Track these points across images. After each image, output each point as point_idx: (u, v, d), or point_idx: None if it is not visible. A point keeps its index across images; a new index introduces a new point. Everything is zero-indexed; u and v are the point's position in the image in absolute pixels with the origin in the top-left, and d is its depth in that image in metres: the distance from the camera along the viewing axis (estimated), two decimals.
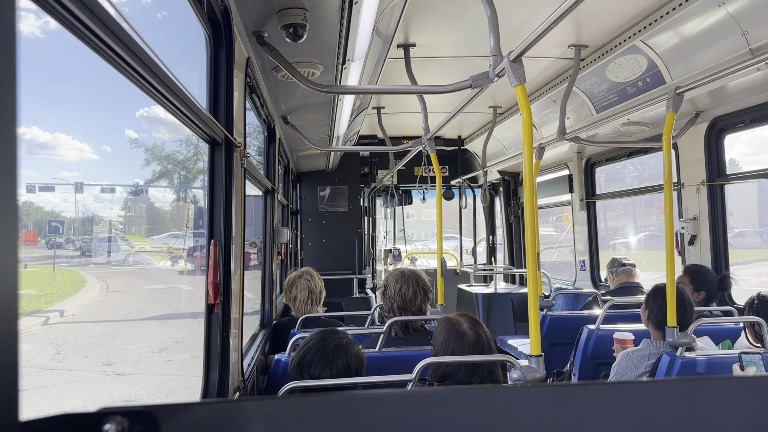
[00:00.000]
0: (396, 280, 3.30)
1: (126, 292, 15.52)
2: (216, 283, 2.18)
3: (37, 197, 18.33)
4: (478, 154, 7.34)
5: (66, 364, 8.47)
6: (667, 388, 0.57)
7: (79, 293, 13.81)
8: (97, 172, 27.57)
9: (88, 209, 21.17)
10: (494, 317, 6.71)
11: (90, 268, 17.91)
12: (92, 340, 10.28)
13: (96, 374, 8.07)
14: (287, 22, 2.33)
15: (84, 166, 26.98)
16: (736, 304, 4.06)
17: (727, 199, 4.31)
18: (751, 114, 3.88)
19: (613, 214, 21.47)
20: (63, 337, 10.33)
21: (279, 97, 3.76)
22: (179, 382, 7.92)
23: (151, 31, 2.37)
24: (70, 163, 29.00)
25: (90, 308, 12.60)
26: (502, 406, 0.60)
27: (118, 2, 1.13)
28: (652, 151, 5.21)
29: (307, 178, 7.62)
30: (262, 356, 3.48)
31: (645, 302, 3.23)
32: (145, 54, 1.29)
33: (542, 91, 5.01)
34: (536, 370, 1.99)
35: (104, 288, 14.95)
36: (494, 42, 2.41)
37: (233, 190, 2.34)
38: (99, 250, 20.12)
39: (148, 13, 23.77)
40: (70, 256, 18.19)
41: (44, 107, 24.14)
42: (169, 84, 1.51)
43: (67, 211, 20.43)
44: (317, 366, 2.27)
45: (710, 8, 2.94)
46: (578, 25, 3.57)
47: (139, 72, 1.30)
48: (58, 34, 28.84)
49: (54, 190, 19.54)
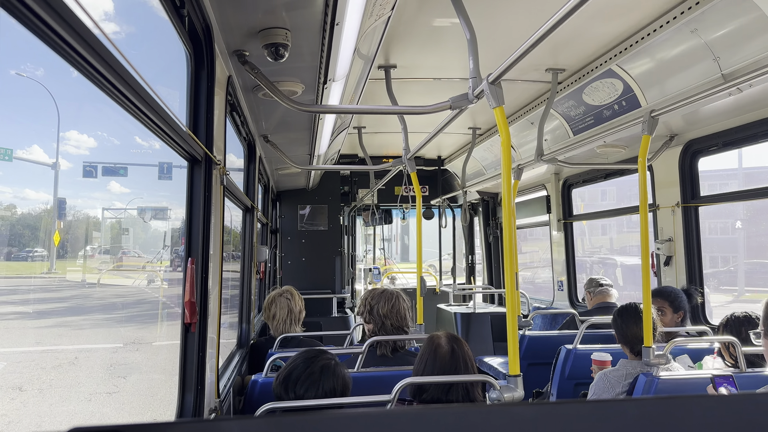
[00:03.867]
0: (386, 299, 3.29)
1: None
2: (193, 302, 2.15)
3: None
4: (458, 175, 7.40)
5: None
6: (642, 405, 0.58)
7: None
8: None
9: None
10: (473, 337, 6.71)
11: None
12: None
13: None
14: (269, 42, 2.34)
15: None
16: (711, 324, 4.11)
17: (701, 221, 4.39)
18: (724, 137, 3.98)
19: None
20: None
21: (260, 115, 3.77)
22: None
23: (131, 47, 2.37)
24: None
25: None
26: (479, 425, 0.60)
27: (97, 17, 1.13)
28: (628, 172, 5.30)
29: (287, 196, 7.61)
30: (239, 377, 3.43)
31: (612, 323, 3.27)
32: (123, 69, 1.29)
33: (520, 113, 5.08)
34: (515, 390, 1.99)
35: None
36: (473, 64, 2.45)
37: (212, 208, 2.32)
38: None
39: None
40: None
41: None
42: (149, 100, 1.50)
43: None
44: (303, 385, 2.22)
45: (684, 35, 3.02)
46: (556, 49, 3.64)
47: (117, 87, 1.30)
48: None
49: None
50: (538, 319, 5.81)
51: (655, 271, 4.61)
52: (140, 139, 29.48)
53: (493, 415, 0.62)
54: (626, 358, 3.17)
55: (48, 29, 0.95)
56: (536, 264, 16.03)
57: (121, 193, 35.70)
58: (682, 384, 2.85)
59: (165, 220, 24.66)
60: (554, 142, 5.00)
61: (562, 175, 6.29)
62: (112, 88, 1.30)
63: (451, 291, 7.40)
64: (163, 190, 28.41)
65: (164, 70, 3.81)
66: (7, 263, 19.34)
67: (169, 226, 23.57)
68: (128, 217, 26.13)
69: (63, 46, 1.03)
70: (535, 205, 6.93)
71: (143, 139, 29.99)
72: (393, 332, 3.22)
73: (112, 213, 27.20)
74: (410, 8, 3.06)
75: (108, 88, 1.29)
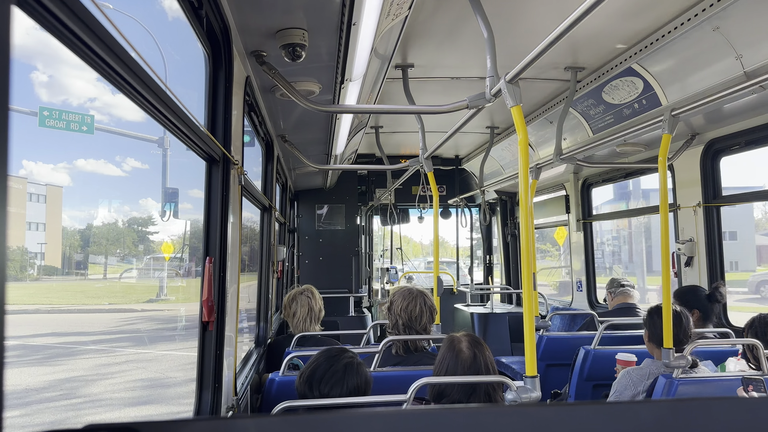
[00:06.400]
0: (403, 297, 3.29)
1: None
2: (210, 300, 2.17)
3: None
4: (476, 174, 7.37)
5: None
6: (659, 408, 0.57)
7: None
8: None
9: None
10: (490, 337, 6.68)
11: None
12: None
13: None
14: (286, 42, 2.35)
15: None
16: (735, 326, 4.05)
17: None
18: (747, 136, 3.91)
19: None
20: None
21: (278, 115, 3.78)
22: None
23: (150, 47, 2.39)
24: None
25: None
26: (493, 426, 0.60)
27: (116, 19, 1.14)
28: (648, 172, 5.23)
29: (305, 196, 7.63)
30: (256, 375, 3.45)
31: (644, 322, 3.23)
32: (141, 70, 1.30)
33: (539, 112, 5.04)
34: (531, 391, 1.97)
35: None
36: (491, 63, 2.43)
37: (229, 207, 2.33)
38: None
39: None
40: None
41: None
42: (166, 100, 1.51)
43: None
44: (328, 383, 2.25)
45: (705, 32, 2.98)
46: (574, 47, 3.61)
47: (136, 88, 1.31)
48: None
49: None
50: (557, 320, 5.76)
51: (676, 272, 4.54)
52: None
53: (508, 416, 0.62)
54: (651, 358, 3.14)
55: (67, 30, 0.97)
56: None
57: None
58: (703, 386, 2.81)
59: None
60: (573, 142, 4.95)
61: (581, 174, 6.23)
62: (130, 89, 1.31)
63: (469, 291, 7.37)
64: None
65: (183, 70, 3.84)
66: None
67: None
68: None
69: (81, 47, 1.04)
70: (553, 205, 6.87)
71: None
72: (404, 331, 3.22)
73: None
74: (428, 7, 3.05)
75: (126, 88, 1.30)
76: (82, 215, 37.78)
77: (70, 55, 1.03)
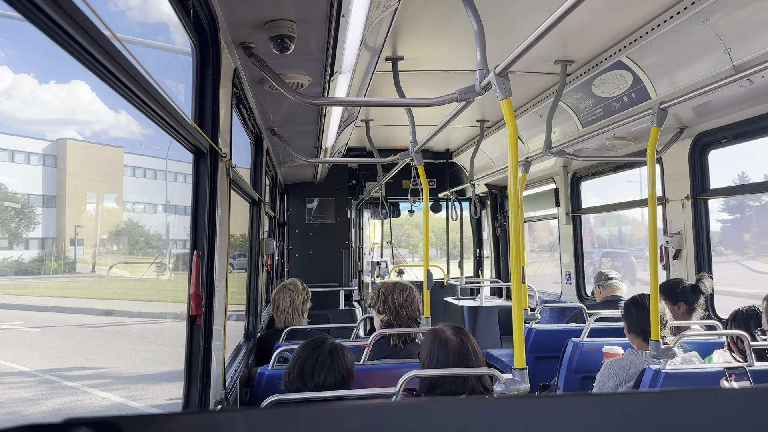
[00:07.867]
0: (400, 290, 3.35)
1: None
2: (198, 294, 2.15)
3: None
4: (466, 168, 7.37)
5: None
6: (646, 399, 0.57)
7: None
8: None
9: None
10: (480, 330, 6.70)
11: None
12: None
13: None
14: (275, 34, 2.33)
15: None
16: (721, 318, 4.08)
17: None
18: (735, 130, 3.93)
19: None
20: None
21: (267, 108, 3.76)
22: None
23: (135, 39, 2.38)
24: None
25: None
26: (482, 418, 0.60)
27: (100, 9, 1.12)
28: (637, 165, 5.26)
29: (295, 189, 7.61)
30: (245, 369, 3.44)
31: (622, 314, 3.27)
32: (126, 61, 1.28)
33: (529, 106, 5.04)
34: (520, 383, 1.98)
35: None
36: (481, 56, 2.43)
37: (217, 200, 2.32)
38: None
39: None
40: None
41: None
42: (153, 92, 1.49)
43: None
44: (320, 373, 2.29)
45: (694, 25, 2.99)
46: (564, 40, 3.61)
47: (121, 80, 1.29)
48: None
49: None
50: (546, 313, 5.79)
51: (664, 265, 4.57)
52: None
53: (496, 408, 0.62)
54: (632, 349, 3.17)
55: (50, 21, 0.95)
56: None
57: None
58: (689, 377, 2.84)
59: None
60: (563, 135, 4.96)
61: (570, 168, 6.25)
62: (115, 80, 1.29)
63: (459, 284, 7.39)
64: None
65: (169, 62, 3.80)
66: None
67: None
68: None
69: (65, 38, 1.02)
70: (543, 198, 6.89)
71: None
72: (408, 322, 3.27)
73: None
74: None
75: (111, 80, 1.28)
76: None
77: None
